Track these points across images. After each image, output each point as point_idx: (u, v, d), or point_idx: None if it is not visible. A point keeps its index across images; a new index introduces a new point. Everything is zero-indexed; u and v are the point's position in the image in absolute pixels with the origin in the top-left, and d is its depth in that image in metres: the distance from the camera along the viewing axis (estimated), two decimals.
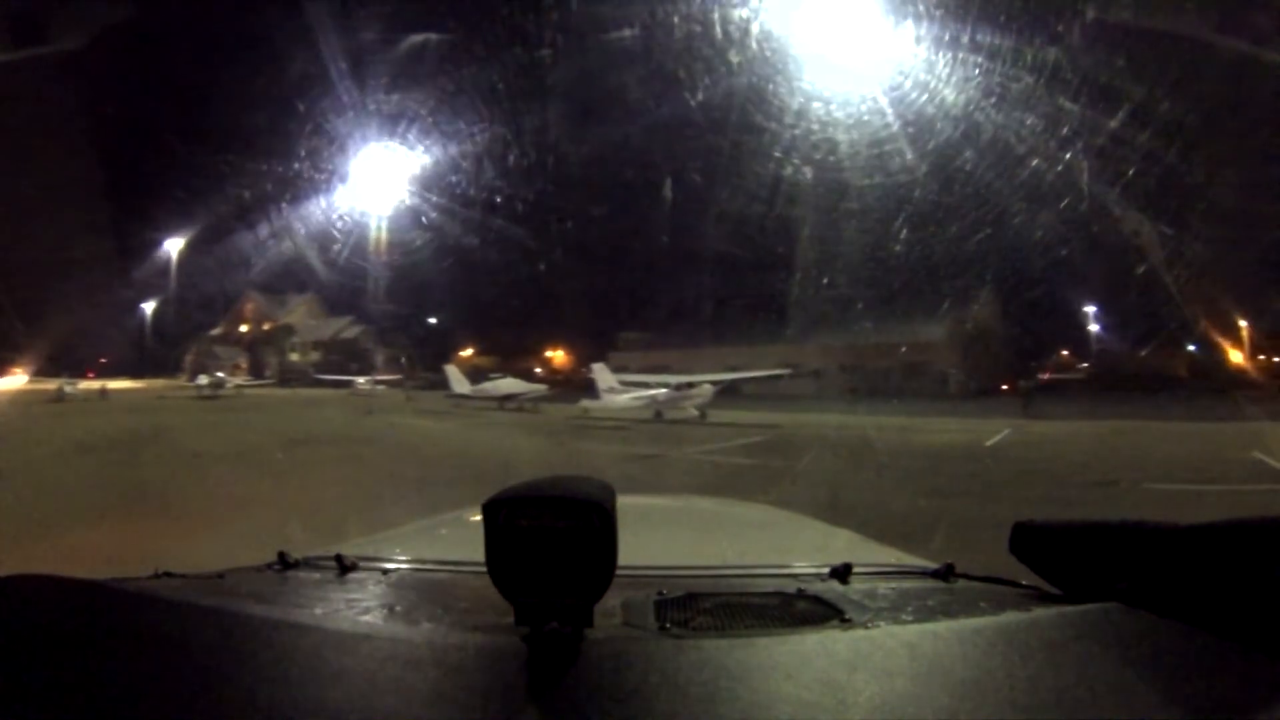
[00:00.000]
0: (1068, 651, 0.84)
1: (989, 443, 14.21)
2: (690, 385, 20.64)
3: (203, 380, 27.63)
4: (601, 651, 0.82)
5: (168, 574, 1.27)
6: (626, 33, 9.19)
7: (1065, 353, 32.79)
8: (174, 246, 21.80)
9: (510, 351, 34.90)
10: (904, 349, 28.55)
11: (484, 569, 0.82)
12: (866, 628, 0.99)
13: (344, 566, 1.38)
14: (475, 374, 27.46)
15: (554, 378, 31.60)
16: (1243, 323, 24.90)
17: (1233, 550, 0.89)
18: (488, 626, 0.92)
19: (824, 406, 21.13)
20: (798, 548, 1.98)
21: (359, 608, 1.13)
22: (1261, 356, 25.47)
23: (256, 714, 0.69)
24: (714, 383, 21.01)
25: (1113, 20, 7.90)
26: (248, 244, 16.19)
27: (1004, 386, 26.84)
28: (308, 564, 1.44)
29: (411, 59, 9.62)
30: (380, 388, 29.20)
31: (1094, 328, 30.55)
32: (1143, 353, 29.13)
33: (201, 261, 20.83)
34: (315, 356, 36.66)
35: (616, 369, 24.23)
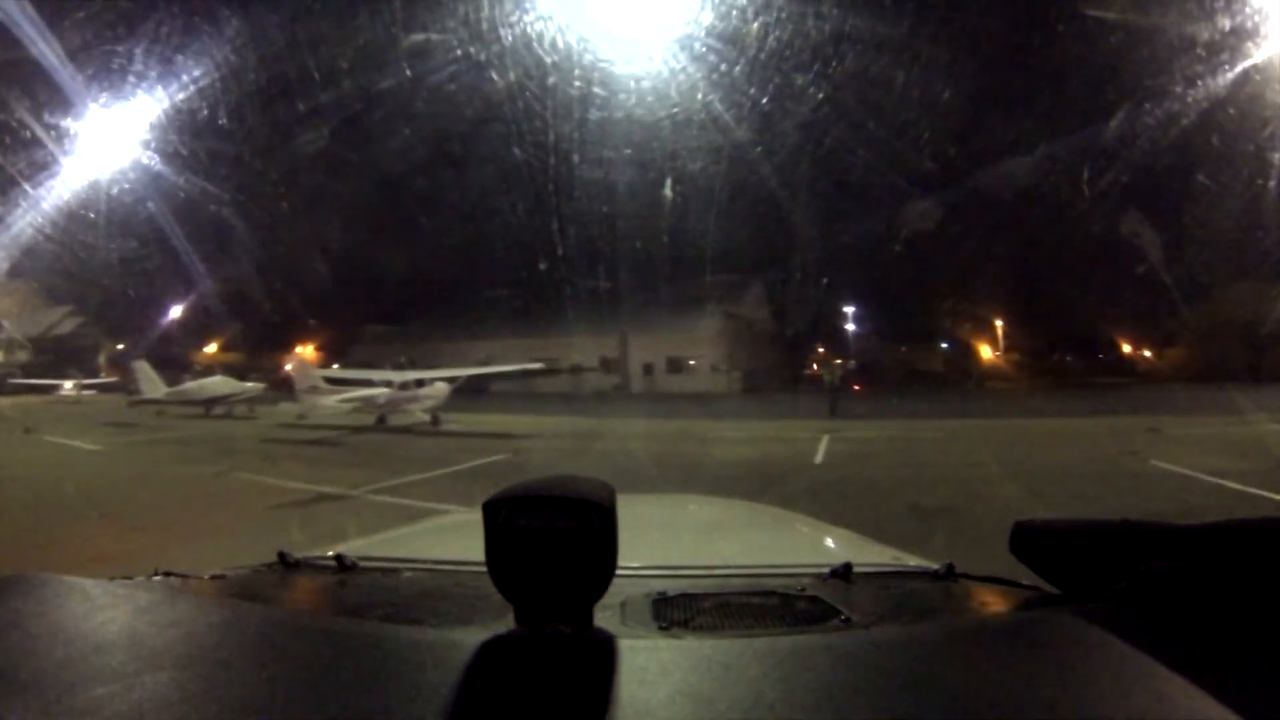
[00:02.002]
0: (1068, 651, 0.84)
1: (818, 458, 10.74)
2: (419, 383, 16.79)
3: None
4: (602, 651, 0.82)
5: (168, 573, 1.32)
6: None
7: (822, 349, 33.05)
8: None
9: (258, 347, 32.36)
10: (671, 343, 28.25)
11: (484, 569, 0.83)
12: (866, 628, 1.01)
13: (344, 566, 1.43)
14: (224, 372, 24.16)
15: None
16: (997, 321, 26.72)
17: (1233, 550, 0.90)
18: (488, 626, 0.92)
19: (585, 408, 19.19)
20: (798, 548, 2.00)
21: (359, 608, 1.19)
22: (1006, 352, 27.41)
23: (256, 715, 0.70)
24: (450, 380, 17.11)
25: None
26: None
27: (810, 379, 26.49)
28: (308, 564, 1.48)
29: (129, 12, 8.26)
30: (91, 393, 25.40)
31: (850, 326, 31.34)
32: (901, 349, 30.44)
33: None
34: (24, 356, 31.63)
35: (360, 365, 22.35)
